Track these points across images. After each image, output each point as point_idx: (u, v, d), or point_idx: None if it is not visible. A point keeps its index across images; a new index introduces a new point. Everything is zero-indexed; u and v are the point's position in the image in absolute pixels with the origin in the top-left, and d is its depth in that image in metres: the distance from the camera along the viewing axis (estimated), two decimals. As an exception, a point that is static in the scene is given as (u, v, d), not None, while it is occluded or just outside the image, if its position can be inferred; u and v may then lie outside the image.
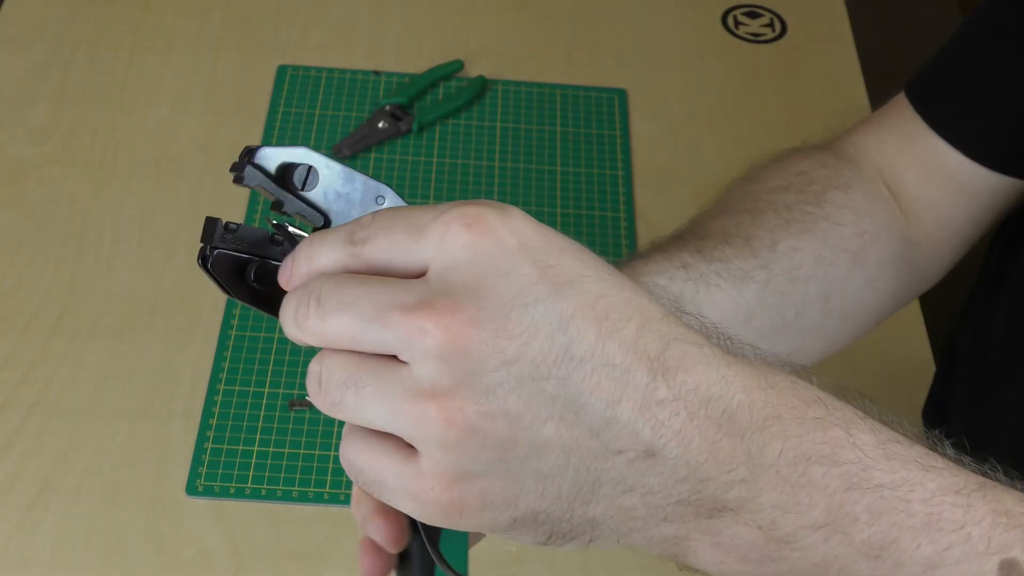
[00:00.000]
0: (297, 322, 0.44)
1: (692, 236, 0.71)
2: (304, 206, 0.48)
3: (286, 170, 0.48)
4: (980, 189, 0.76)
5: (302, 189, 0.47)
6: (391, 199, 0.48)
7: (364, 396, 0.43)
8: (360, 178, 0.48)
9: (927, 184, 0.77)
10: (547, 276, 0.42)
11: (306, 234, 0.49)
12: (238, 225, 0.49)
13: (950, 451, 0.47)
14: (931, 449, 0.46)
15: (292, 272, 0.45)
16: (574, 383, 0.41)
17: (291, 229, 0.49)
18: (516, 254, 0.42)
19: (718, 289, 0.67)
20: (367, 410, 0.43)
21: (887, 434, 0.45)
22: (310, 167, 0.47)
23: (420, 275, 0.42)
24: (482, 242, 0.42)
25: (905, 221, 0.77)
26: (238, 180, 0.48)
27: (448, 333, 0.41)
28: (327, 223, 0.48)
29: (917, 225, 0.77)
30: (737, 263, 0.69)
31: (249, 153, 0.48)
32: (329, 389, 0.44)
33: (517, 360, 0.41)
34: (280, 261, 0.47)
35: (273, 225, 0.49)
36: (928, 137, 0.76)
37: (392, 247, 0.43)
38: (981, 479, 0.46)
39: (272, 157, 0.47)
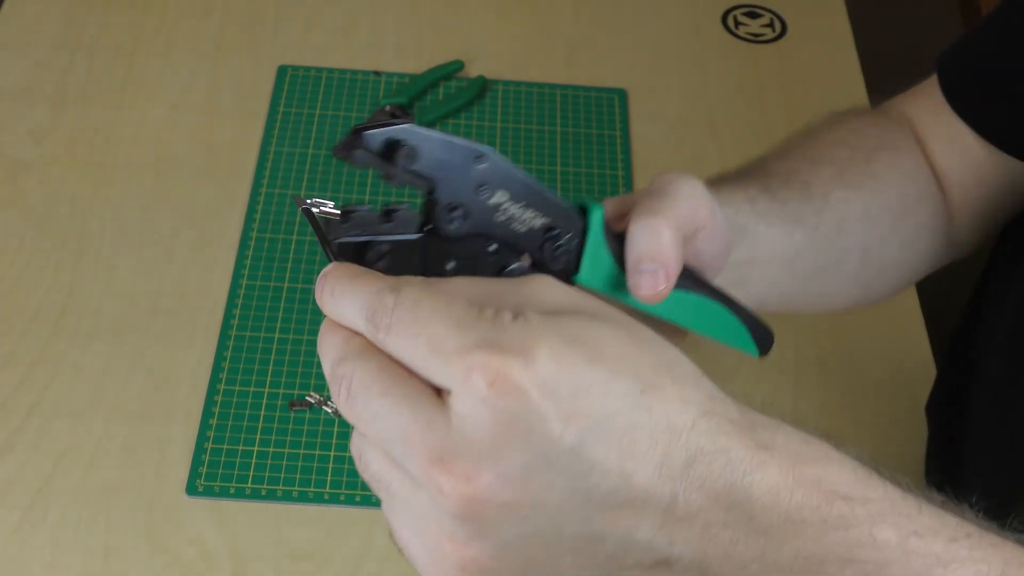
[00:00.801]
0: (333, 394, 0.44)
1: (759, 172, 0.72)
2: (410, 177, 0.50)
3: (390, 146, 0.50)
4: (1004, 176, 0.78)
5: (407, 163, 0.49)
6: (491, 158, 0.50)
7: (393, 500, 0.44)
8: (459, 144, 0.49)
9: (954, 163, 0.78)
10: (572, 425, 0.41)
11: (337, 212, 0.50)
12: (350, 212, 0.51)
13: (971, 514, 0.47)
14: (960, 520, 0.46)
15: (322, 305, 0.46)
16: (595, 523, 0.42)
17: (318, 211, 0.51)
18: (539, 409, 0.41)
19: (775, 228, 0.68)
20: (396, 511, 0.44)
21: (911, 525, 0.44)
22: (412, 144, 0.49)
23: (440, 389, 0.42)
24: (504, 402, 0.40)
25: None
26: (350, 160, 0.50)
27: (464, 500, 0.41)
28: (433, 190, 0.50)
29: (947, 198, 0.79)
30: (794, 205, 0.70)
31: (357, 133, 0.49)
32: (364, 473, 0.45)
33: (535, 515, 0.41)
34: (392, 236, 0.50)
35: (302, 210, 0.51)
36: (954, 120, 0.78)
37: (413, 355, 0.42)
38: (1004, 561, 0.45)
39: (378, 136, 0.49)
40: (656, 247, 0.53)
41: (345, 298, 0.45)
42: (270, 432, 0.92)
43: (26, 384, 0.93)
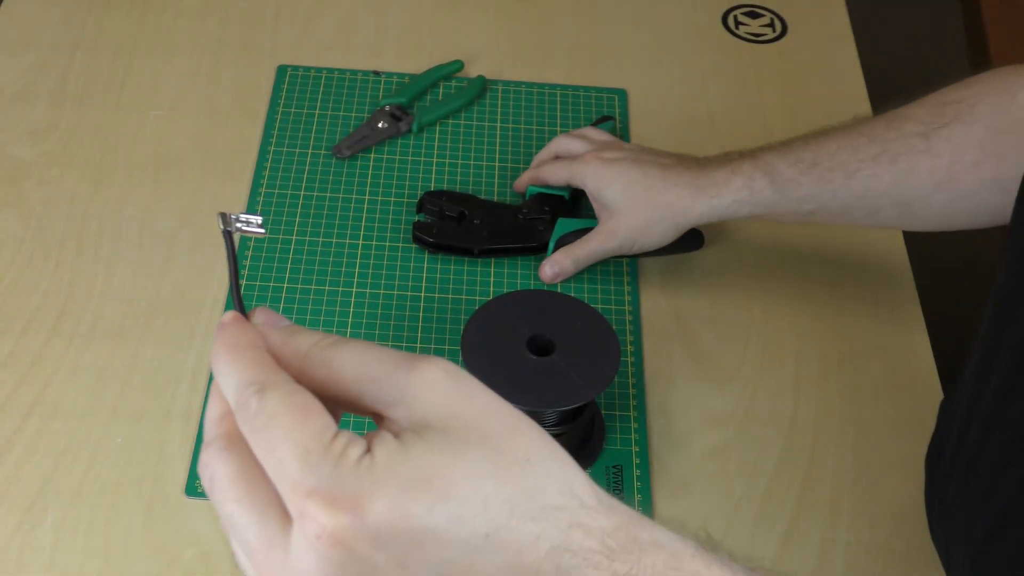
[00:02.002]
0: (200, 474, 0.47)
1: (789, 156, 0.90)
2: None
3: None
4: None
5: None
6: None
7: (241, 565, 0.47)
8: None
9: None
10: (406, 571, 0.42)
11: (263, 230, 0.54)
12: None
13: None
14: None
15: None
16: None
17: (242, 229, 0.54)
18: (369, 559, 0.42)
19: (777, 208, 0.89)
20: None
21: None
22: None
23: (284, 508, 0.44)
24: (331, 552, 0.42)
25: None
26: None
27: None
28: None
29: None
30: (807, 189, 0.88)
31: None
32: (229, 539, 0.47)
33: None
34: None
35: (223, 232, 0.54)
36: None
37: (266, 466, 0.44)
38: None
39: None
40: (563, 271, 1.00)
41: (223, 371, 0.46)
42: (270, 432, 0.91)
43: (26, 384, 0.93)
